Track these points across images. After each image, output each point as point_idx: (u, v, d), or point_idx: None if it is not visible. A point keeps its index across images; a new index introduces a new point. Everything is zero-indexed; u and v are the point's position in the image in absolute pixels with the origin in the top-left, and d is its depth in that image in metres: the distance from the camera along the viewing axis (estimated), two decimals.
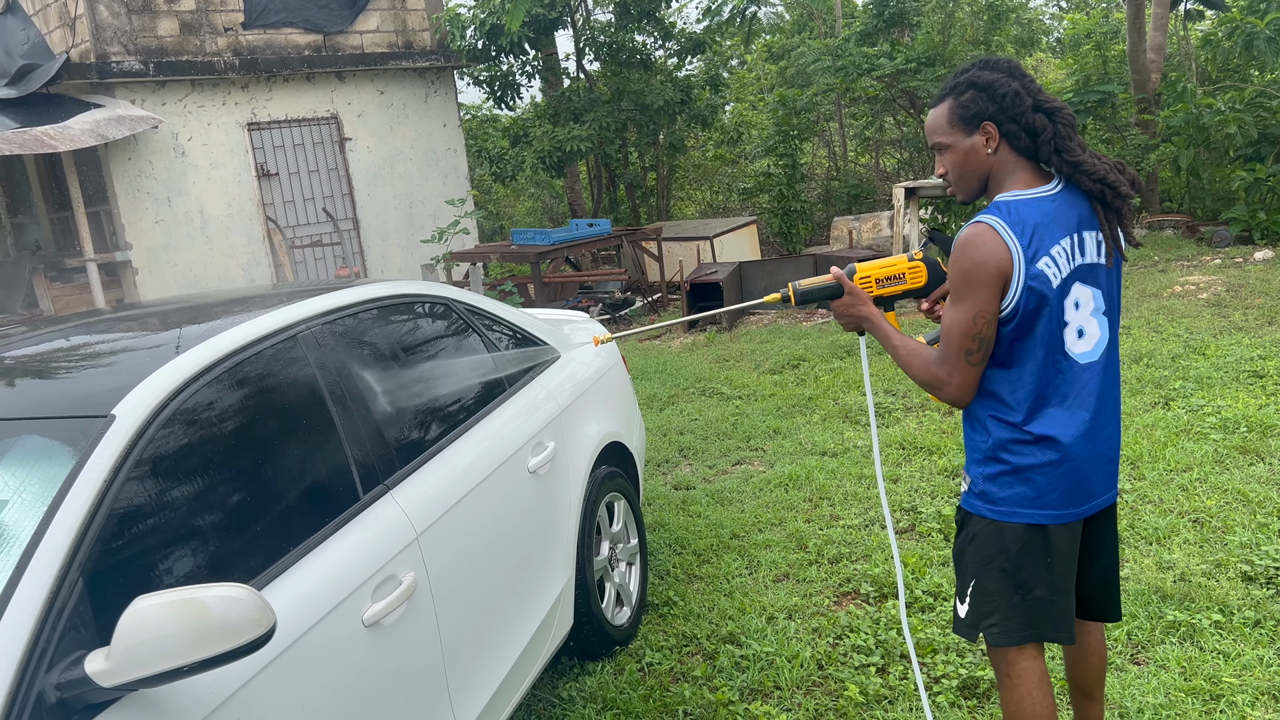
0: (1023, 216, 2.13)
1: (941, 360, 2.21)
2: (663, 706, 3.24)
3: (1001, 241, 2.11)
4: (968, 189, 2.28)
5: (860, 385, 6.79)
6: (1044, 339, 2.16)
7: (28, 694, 1.56)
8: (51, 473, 1.85)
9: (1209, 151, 11.31)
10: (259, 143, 11.75)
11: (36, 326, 2.78)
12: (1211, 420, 5.11)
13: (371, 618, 2.21)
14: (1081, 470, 2.20)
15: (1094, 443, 2.21)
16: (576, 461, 3.51)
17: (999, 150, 2.20)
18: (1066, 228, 2.15)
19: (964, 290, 2.15)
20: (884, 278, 2.46)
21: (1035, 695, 2.27)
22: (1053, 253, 2.13)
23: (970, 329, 2.14)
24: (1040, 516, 2.21)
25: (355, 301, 2.89)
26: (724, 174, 18.12)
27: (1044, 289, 2.12)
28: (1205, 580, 3.55)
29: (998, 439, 2.23)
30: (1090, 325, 2.19)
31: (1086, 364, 2.20)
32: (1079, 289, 2.17)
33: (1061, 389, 2.19)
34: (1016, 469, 2.21)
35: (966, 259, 2.13)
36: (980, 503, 2.28)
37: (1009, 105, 2.16)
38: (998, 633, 2.27)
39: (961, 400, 2.24)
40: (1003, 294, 2.13)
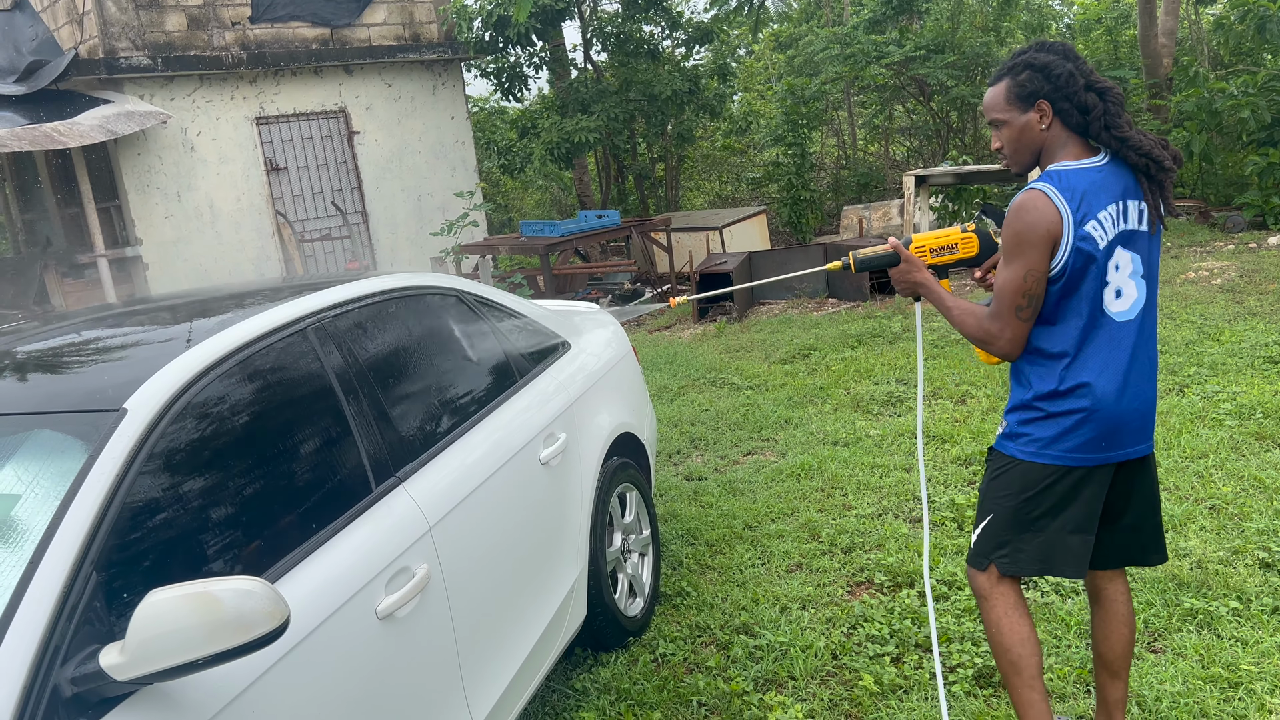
0: (1072, 184, 2.32)
1: (994, 316, 2.39)
2: (677, 697, 3.24)
3: (1053, 205, 2.29)
4: (1021, 161, 2.45)
5: (871, 374, 6.76)
6: (1088, 296, 2.34)
7: (43, 688, 1.56)
8: (64, 467, 1.85)
9: (1221, 136, 11.22)
10: (267, 137, 11.76)
11: (48, 321, 2.78)
12: (1227, 406, 5.07)
13: (385, 610, 2.21)
14: (1111, 420, 2.36)
15: (1125, 395, 2.36)
16: (588, 453, 3.51)
17: (1052, 126, 2.38)
18: (1112, 195, 2.33)
19: (1017, 250, 2.33)
20: (938, 247, 2.66)
21: (1009, 617, 2.47)
22: (1099, 217, 2.31)
23: (1021, 286, 2.33)
24: (1066, 459, 2.38)
25: (365, 294, 2.88)
26: (733, 164, 18.08)
27: (1091, 249, 2.30)
28: (1222, 568, 3.52)
29: (1038, 390, 2.41)
30: (1128, 287, 2.36)
31: (1123, 322, 2.37)
32: (1120, 253, 2.34)
33: (1098, 344, 2.36)
34: (1050, 415, 2.39)
35: (1020, 221, 2.32)
36: (1011, 444, 2.48)
37: (1063, 85, 2.34)
38: (1007, 563, 2.47)
39: (1012, 354, 2.42)
40: (1052, 254, 2.31)
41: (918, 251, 2.64)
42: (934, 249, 2.65)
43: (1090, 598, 2.64)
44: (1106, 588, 2.59)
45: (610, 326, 4.35)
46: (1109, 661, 2.57)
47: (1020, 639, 2.47)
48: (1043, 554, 2.44)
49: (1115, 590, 2.58)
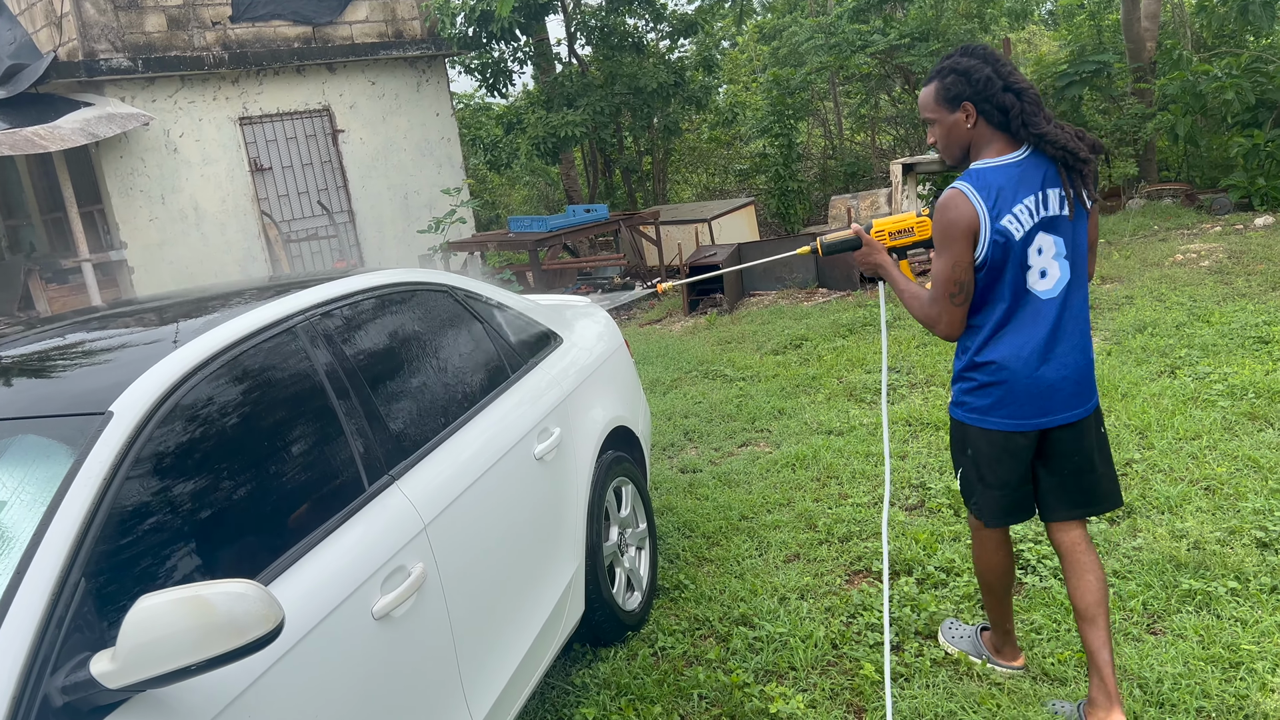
0: (988, 181, 2.56)
1: (932, 302, 2.66)
2: (677, 690, 3.22)
3: (970, 204, 2.54)
4: (953, 155, 2.71)
5: (863, 363, 6.75)
6: (1009, 281, 2.59)
7: (33, 698, 1.53)
8: (50, 472, 1.81)
9: (1206, 119, 11.24)
10: (251, 137, 11.68)
11: (32, 325, 2.74)
12: (1219, 387, 5.07)
13: (381, 610, 2.18)
14: (1032, 389, 2.63)
15: (1047, 366, 2.62)
16: (583, 447, 3.48)
17: (977, 124, 2.62)
18: (1032, 187, 2.56)
19: (944, 244, 2.59)
20: (896, 231, 2.91)
21: (990, 552, 2.89)
22: (1015, 210, 2.55)
23: (951, 275, 2.59)
24: (996, 424, 2.69)
25: (353, 291, 2.85)
26: (720, 156, 18.04)
27: (1007, 241, 2.55)
28: (1219, 548, 3.52)
29: (966, 361, 2.72)
30: (1052, 267, 2.60)
31: (1048, 299, 2.61)
32: (1042, 237, 2.58)
33: (1021, 321, 2.62)
34: (980, 384, 2.69)
35: (944, 218, 2.58)
36: (958, 410, 2.80)
37: (983, 87, 2.58)
38: (977, 510, 2.84)
39: (951, 334, 2.68)
40: (974, 245, 2.56)
41: (878, 235, 2.89)
42: (892, 233, 2.90)
43: (1057, 552, 2.84)
44: (1064, 539, 2.78)
45: (602, 320, 4.33)
46: (1082, 610, 2.72)
47: (994, 570, 2.90)
48: (996, 508, 2.79)
49: (1073, 540, 2.76)
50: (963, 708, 2.90)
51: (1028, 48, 18.21)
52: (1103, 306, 7.12)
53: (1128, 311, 6.83)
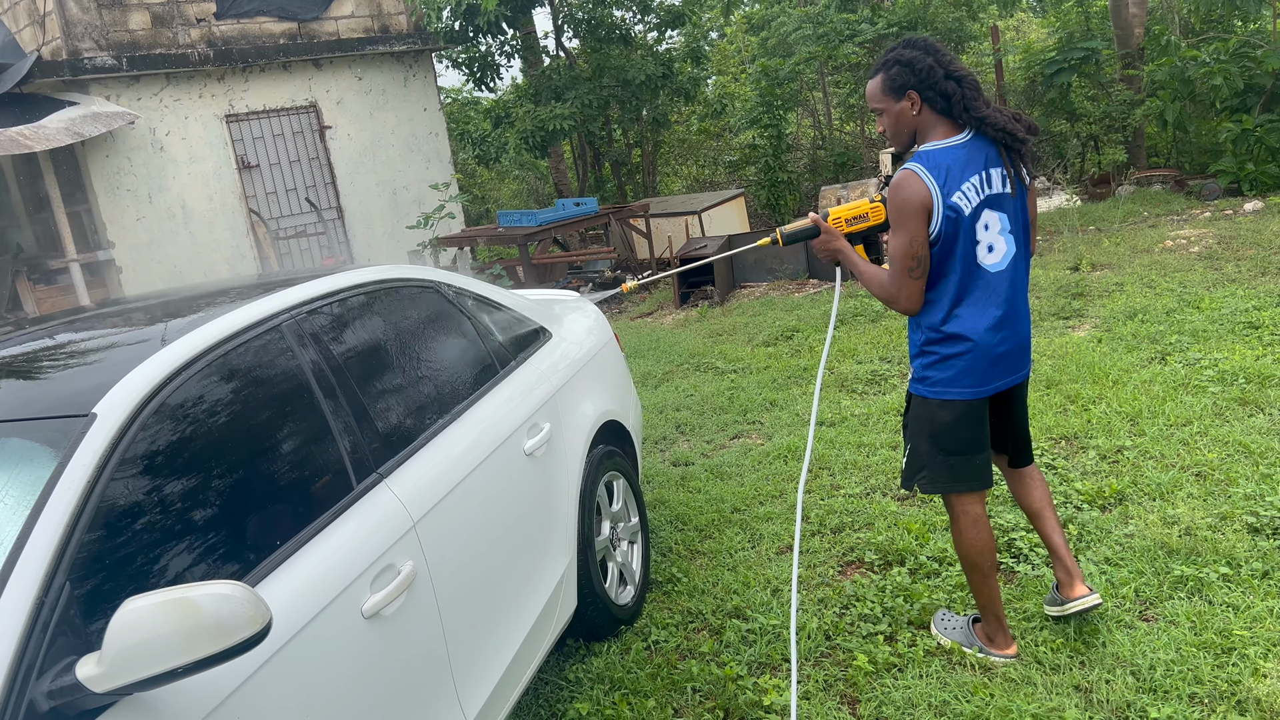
0: (938, 161, 2.72)
1: (892, 279, 2.80)
2: (671, 684, 3.22)
3: (923, 182, 2.69)
4: (901, 142, 2.88)
5: (854, 354, 6.75)
6: (961, 256, 2.75)
7: (18, 704, 1.51)
8: (33, 475, 1.80)
9: (1195, 104, 11.25)
10: (238, 134, 11.62)
11: (18, 327, 2.72)
12: (1209, 373, 5.08)
13: (371, 609, 2.17)
14: (990, 356, 2.82)
15: (1001, 334, 2.81)
16: (573, 442, 3.47)
17: (922, 111, 2.79)
18: (975, 167, 2.73)
19: (900, 222, 2.73)
20: (851, 217, 3.03)
21: (972, 529, 2.96)
22: (963, 188, 2.71)
23: (909, 250, 2.73)
24: (959, 394, 2.85)
25: (340, 288, 2.83)
26: (709, 148, 18.01)
27: (958, 216, 2.71)
28: (1211, 534, 3.52)
29: (927, 336, 2.86)
30: (998, 242, 2.78)
31: (996, 273, 2.79)
32: (988, 214, 2.75)
33: (974, 293, 2.78)
34: (942, 358, 2.84)
35: (899, 197, 2.72)
36: (920, 386, 2.93)
37: (925, 76, 2.74)
38: (926, 483, 2.98)
39: (912, 309, 2.83)
40: (928, 222, 2.71)
41: (834, 223, 3.01)
42: (849, 219, 3.02)
43: (1008, 480, 3.19)
44: (1011, 474, 3.17)
45: (591, 314, 4.31)
46: (1034, 510, 3.13)
47: (977, 548, 2.97)
48: (953, 474, 2.93)
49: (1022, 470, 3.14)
50: (956, 697, 2.91)
51: (1016, 35, 18.21)
52: (1093, 293, 7.13)
53: (1118, 298, 6.84)
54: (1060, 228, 9.73)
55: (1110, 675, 2.87)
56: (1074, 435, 4.66)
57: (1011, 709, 2.78)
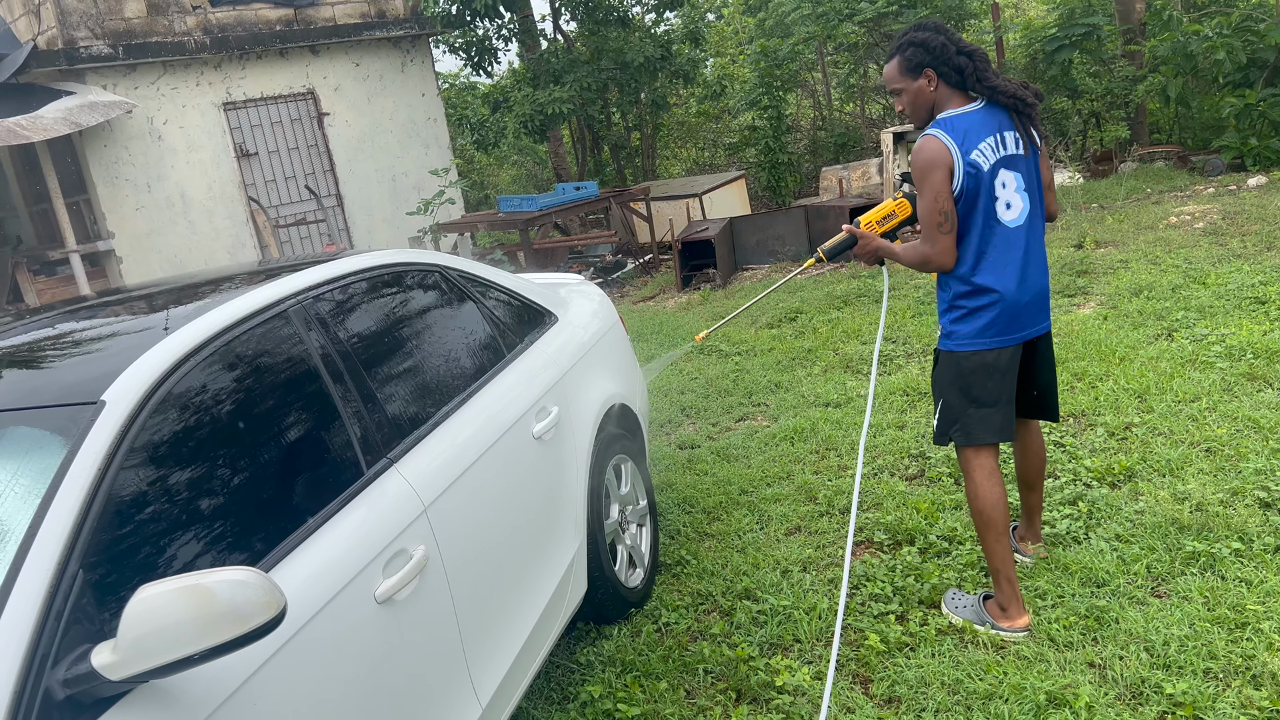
0: (956, 125, 2.95)
1: (924, 239, 3.00)
2: (682, 666, 3.21)
3: (943, 143, 2.92)
4: (920, 118, 3.09)
5: (859, 335, 6.73)
6: (982, 210, 2.95)
7: (34, 692, 1.50)
8: (43, 464, 1.78)
9: (1197, 80, 11.19)
10: (236, 122, 11.57)
11: (19, 317, 2.70)
12: (1217, 349, 5.06)
13: (384, 594, 2.16)
14: (1015, 307, 3.00)
15: (1022, 286, 3.00)
16: (581, 425, 3.45)
17: (938, 87, 3.02)
18: (990, 130, 2.95)
19: (925, 182, 2.94)
20: (881, 219, 3.24)
21: (987, 482, 3.09)
22: (980, 147, 2.93)
23: (936, 207, 2.94)
24: (987, 344, 3.02)
25: (345, 273, 2.81)
26: (708, 130, 17.94)
27: (978, 172, 2.92)
28: (1222, 509, 3.51)
29: (955, 291, 3.05)
30: (1015, 200, 2.98)
31: (1015, 228, 2.99)
32: (1004, 173, 2.96)
33: (996, 248, 2.98)
34: (970, 310, 3.02)
35: (922, 159, 2.94)
36: (948, 342, 3.10)
37: (940, 53, 2.97)
38: (961, 436, 3.11)
39: (946, 264, 3.00)
40: (951, 179, 2.92)
41: (867, 228, 3.21)
42: (879, 221, 3.23)
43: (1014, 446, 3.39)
44: (1021, 431, 3.33)
45: (596, 298, 4.29)
46: (1027, 478, 3.40)
47: (992, 503, 3.07)
48: (984, 426, 3.07)
49: (1028, 431, 3.33)
50: (969, 675, 2.90)
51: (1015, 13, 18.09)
52: (1097, 271, 7.11)
53: (1123, 275, 6.81)
54: (1063, 205, 9.68)
55: (1124, 652, 2.87)
56: (1082, 413, 4.64)
57: (1025, 686, 2.77)
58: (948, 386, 3.11)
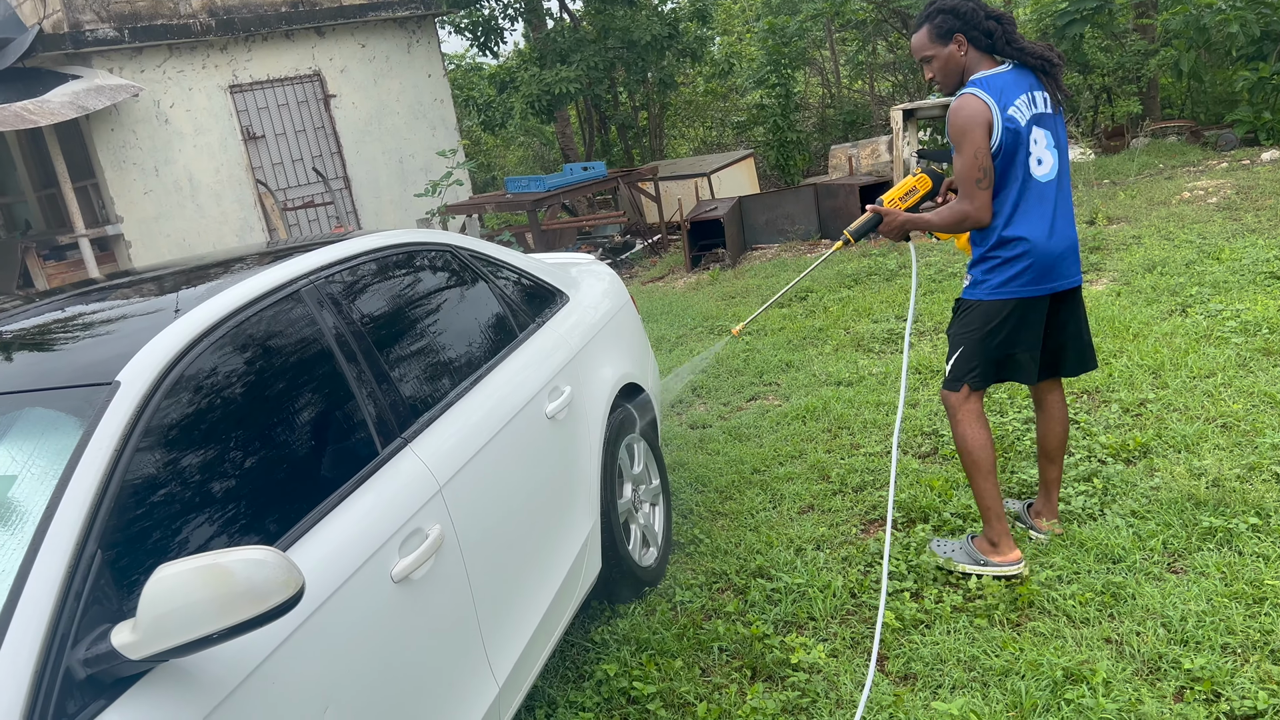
0: (992, 84, 3.04)
1: (962, 197, 3.08)
2: (697, 644, 3.21)
3: (982, 101, 3.01)
4: (950, 85, 3.18)
5: (870, 313, 6.70)
6: (1020, 164, 3.04)
7: (55, 672, 1.51)
8: (59, 444, 1.78)
9: (1210, 53, 11.07)
10: (242, 105, 11.54)
11: (31, 300, 2.69)
12: (1231, 324, 5.03)
13: (400, 573, 2.16)
14: (1047, 259, 3.08)
15: (1053, 237, 3.09)
16: (593, 405, 3.45)
17: (968, 52, 3.11)
18: (1021, 89, 3.05)
19: (964, 138, 3.01)
20: (904, 194, 3.33)
21: (975, 424, 3.22)
22: (1016, 103, 3.02)
23: (974, 163, 3.01)
24: (1017, 293, 3.10)
25: (357, 253, 2.80)
26: (716, 109, 17.84)
27: (1015, 127, 3.01)
28: (1239, 484, 3.49)
29: (990, 243, 3.11)
30: (1046, 156, 3.08)
31: (1046, 183, 3.09)
32: (1036, 130, 3.06)
33: (1030, 201, 3.07)
34: (1004, 260, 3.09)
35: (961, 116, 3.02)
36: (976, 290, 3.17)
37: (970, 18, 3.07)
38: (977, 380, 3.21)
39: (984, 219, 3.08)
40: (990, 135, 2.99)
41: (892, 206, 3.28)
42: (902, 198, 3.32)
43: (1035, 404, 3.44)
44: (1046, 397, 3.38)
45: (607, 277, 4.27)
46: (1048, 450, 3.40)
47: (980, 444, 3.21)
48: (1000, 369, 3.20)
49: (1053, 398, 3.38)
50: (985, 651, 2.89)
51: None
52: (1110, 247, 7.06)
53: (1136, 251, 6.76)
54: (1075, 181, 9.61)
55: (1141, 628, 2.86)
56: (1096, 389, 4.62)
57: (1041, 662, 2.76)
58: (972, 333, 3.17)
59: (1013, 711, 2.62)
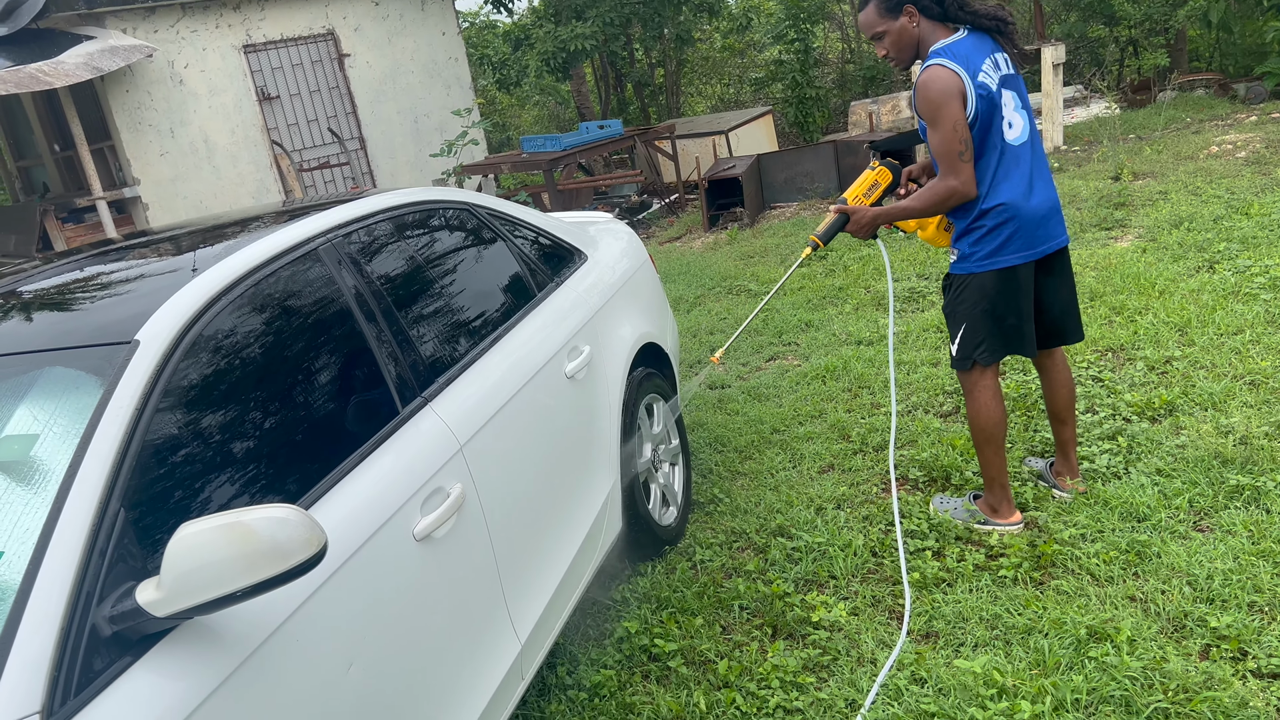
0: (956, 51, 2.95)
1: (945, 173, 2.98)
2: (718, 602, 3.22)
3: (951, 71, 2.91)
4: (905, 59, 3.10)
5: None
6: (996, 131, 2.97)
7: (80, 629, 1.51)
8: (80, 403, 1.77)
9: (1239, 3, 10.81)
10: (257, 65, 11.46)
11: (49, 260, 2.68)
12: (1260, 280, 4.94)
13: (422, 531, 2.16)
14: (1031, 222, 3.03)
15: (1034, 200, 3.03)
16: (613, 364, 3.43)
17: (920, 22, 3.03)
18: (983, 53, 2.98)
19: (939, 113, 2.92)
20: (865, 191, 3.31)
21: (992, 401, 3.21)
22: (983, 67, 2.95)
23: (954, 136, 2.92)
24: (1007, 260, 3.04)
25: (374, 211, 2.77)
26: (734, 65, 17.61)
27: (988, 93, 2.94)
28: (1267, 442, 3.45)
29: (973, 214, 3.05)
30: (1016, 118, 3.03)
31: (1018, 146, 3.03)
32: (1004, 93, 2.99)
33: (1006, 166, 3.01)
34: (989, 229, 3.03)
35: (933, 89, 2.92)
36: (965, 264, 3.11)
37: None
38: (986, 355, 3.15)
39: (970, 191, 2.98)
40: (964, 105, 2.91)
41: (856, 203, 3.26)
42: (864, 194, 3.30)
43: (1038, 370, 3.41)
44: (1046, 363, 3.36)
45: (625, 236, 4.23)
46: (1057, 411, 3.39)
47: (994, 420, 3.21)
48: (1007, 342, 3.14)
49: (1054, 362, 3.35)
50: (1007, 610, 2.88)
51: None
52: (1136, 202, 6.94)
53: (1162, 207, 6.65)
54: (1100, 136, 9.45)
55: (1166, 586, 2.83)
56: (1121, 347, 4.56)
57: (1065, 621, 2.75)
58: (971, 308, 3.12)
59: (1036, 669, 2.61)
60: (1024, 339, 3.15)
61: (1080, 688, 2.49)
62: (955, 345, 3.21)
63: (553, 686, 2.97)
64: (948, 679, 2.63)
